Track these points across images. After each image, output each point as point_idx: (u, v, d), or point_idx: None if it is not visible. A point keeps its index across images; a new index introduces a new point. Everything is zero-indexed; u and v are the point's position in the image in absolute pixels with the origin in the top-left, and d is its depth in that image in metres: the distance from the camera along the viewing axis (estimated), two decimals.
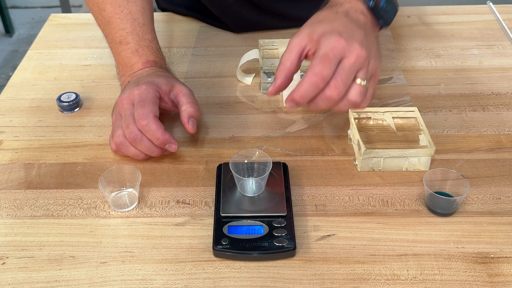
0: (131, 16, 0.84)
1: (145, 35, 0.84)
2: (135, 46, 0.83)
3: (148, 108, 0.72)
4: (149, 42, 0.84)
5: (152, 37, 0.85)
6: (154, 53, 0.84)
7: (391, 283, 0.60)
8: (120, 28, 0.83)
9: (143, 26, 0.84)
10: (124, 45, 0.83)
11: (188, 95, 0.77)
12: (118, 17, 0.84)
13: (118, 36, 0.83)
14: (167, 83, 0.77)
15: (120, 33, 0.83)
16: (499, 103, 0.87)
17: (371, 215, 0.68)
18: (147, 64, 0.82)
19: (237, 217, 0.66)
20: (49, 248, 0.65)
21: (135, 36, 0.83)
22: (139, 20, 0.84)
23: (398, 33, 1.05)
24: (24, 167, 0.76)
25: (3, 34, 2.85)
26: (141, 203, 0.71)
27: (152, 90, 0.75)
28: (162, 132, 0.72)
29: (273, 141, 0.80)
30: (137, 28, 0.84)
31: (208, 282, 0.61)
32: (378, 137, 0.76)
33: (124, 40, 0.83)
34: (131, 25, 0.84)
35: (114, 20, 0.84)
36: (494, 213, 0.69)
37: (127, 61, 0.83)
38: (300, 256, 0.63)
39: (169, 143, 0.72)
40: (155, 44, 0.85)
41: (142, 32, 0.84)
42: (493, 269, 0.62)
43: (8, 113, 0.87)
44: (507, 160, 0.76)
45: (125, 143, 0.74)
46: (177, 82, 0.80)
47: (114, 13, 0.84)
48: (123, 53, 0.83)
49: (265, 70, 0.89)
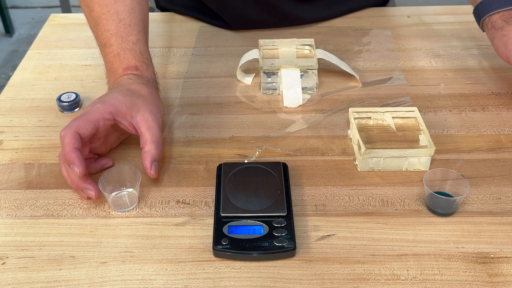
0: (117, 16, 0.80)
1: (129, 36, 0.80)
2: (117, 49, 0.79)
3: (76, 123, 0.68)
4: (132, 44, 0.79)
5: (137, 39, 0.80)
6: (136, 57, 0.79)
7: (391, 283, 0.60)
8: (105, 30, 0.80)
9: (128, 27, 0.80)
10: (108, 47, 0.80)
11: (152, 130, 0.71)
12: (104, 18, 0.80)
13: (103, 38, 0.80)
14: (130, 106, 0.72)
15: (104, 34, 0.80)
16: (499, 103, 0.87)
17: (371, 215, 0.68)
18: (127, 70, 0.78)
19: (237, 217, 0.66)
20: (49, 248, 0.65)
21: (118, 38, 0.79)
22: (125, 20, 0.80)
23: (398, 33, 1.05)
24: (24, 167, 0.76)
25: (3, 34, 2.85)
26: (141, 203, 0.71)
27: (102, 111, 0.70)
28: (70, 149, 0.66)
29: (273, 141, 0.80)
30: (121, 29, 0.80)
31: (208, 282, 0.61)
32: (378, 137, 0.76)
33: (108, 43, 0.80)
34: (116, 26, 0.80)
35: (100, 21, 0.81)
36: (494, 213, 0.69)
37: (110, 66, 0.79)
38: (300, 256, 0.63)
39: (73, 164, 0.66)
40: (139, 47, 0.80)
41: (126, 33, 0.80)
42: (493, 269, 0.62)
43: (8, 113, 0.87)
44: (507, 160, 0.76)
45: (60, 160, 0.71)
46: (144, 106, 0.73)
47: (101, 13, 0.81)
48: (107, 57, 0.80)
49: (265, 70, 0.89)
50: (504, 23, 0.85)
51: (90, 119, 0.69)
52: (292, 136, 0.81)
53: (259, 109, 0.87)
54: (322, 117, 0.85)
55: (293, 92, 0.87)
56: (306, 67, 0.88)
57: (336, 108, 0.87)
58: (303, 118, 0.85)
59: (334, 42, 1.03)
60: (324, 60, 0.92)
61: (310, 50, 0.93)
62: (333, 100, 0.88)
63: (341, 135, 0.81)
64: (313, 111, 0.86)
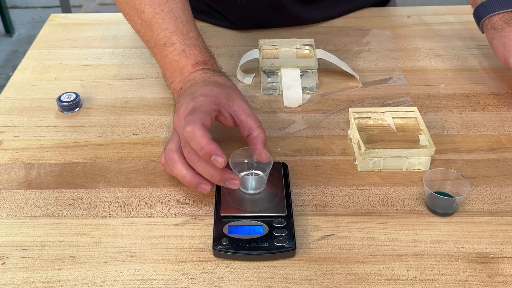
0: (173, 14, 0.78)
1: (189, 33, 0.78)
2: (181, 46, 0.76)
3: (198, 116, 0.65)
4: (194, 40, 0.78)
5: (197, 34, 0.79)
6: (202, 52, 0.77)
7: (391, 283, 0.60)
8: (163, 29, 0.77)
9: (186, 23, 0.78)
10: (169, 46, 0.77)
11: (252, 116, 0.71)
12: (160, 17, 0.77)
13: (162, 38, 0.77)
14: (227, 96, 0.71)
15: (163, 34, 0.77)
16: (499, 103, 0.87)
17: (371, 215, 0.68)
18: (197, 65, 0.76)
19: (237, 217, 0.66)
20: (49, 248, 0.65)
21: (179, 36, 0.77)
22: (182, 18, 0.78)
23: (398, 33, 1.05)
24: (24, 167, 0.76)
25: (3, 34, 2.85)
26: (141, 203, 0.71)
27: (209, 103, 0.68)
28: (207, 140, 0.63)
29: (273, 141, 0.80)
30: (180, 26, 0.77)
31: (208, 282, 0.61)
32: (378, 137, 0.76)
33: (169, 41, 0.77)
34: (174, 24, 0.77)
35: (155, 21, 0.78)
36: (494, 213, 0.69)
37: (175, 65, 0.76)
38: (300, 256, 0.63)
39: (214, 155, 0.63)
40: (201, 42, 0.79)
41: (186, 30, 0.78)
42: (493, 269, 0.62)
43: (8, 113, 0.87)
44: (507, 160, 0.76)
45: (173, 158, 0.67)
46: (237, 95, 0.73)
47: (154, 14, 0.78)
48: (169, 56, 0.77)
49: (265, 70, 0.89)
50: (504, 24, 0.85)
51: (205, 111, 0.66)
52: (292, 136, 0.81)
53: (259, 109, 0.87)
54: (322, 117, 0.85)
55: (293, 92, 0.87)
56: (306, 67, 0.88)
57: (336, 108, 0.87)
58: (303, 118, 0.85)
59: (334, 42, 1.03)
60: (324, 60, 0.92)
61: (310, 50, 0.93)
62: (333, 100, 0.88)
63: (341, 135, 0.81)
64: (313, 111, 0.86)
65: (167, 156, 0.68)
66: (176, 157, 0.67)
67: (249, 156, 0.71)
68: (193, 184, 0.67)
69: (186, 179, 0.66)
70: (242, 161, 0.70)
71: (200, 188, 0.67)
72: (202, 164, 0.65)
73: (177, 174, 0.67)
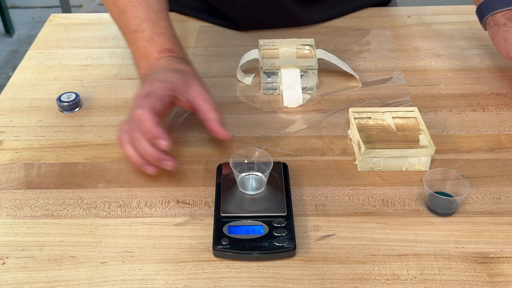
0: (146, 3, 0.82)
1: (160, 21, 0.82)
2: (150, 34, 0.80)
3: (149, 100, 0.70)
4: (164, 28, 0.82)
5: (168, 23, 0.83)
6: (169, 40, 0.81)
7: (391, 283, 0.60)
8: (135, 16, 0.81)
9: (158, 12, 0.82)
10: (139, 33, 0.81)
11: (208, 100, 0.75)
12: (133, 5, 0.82)
13: (133, 25, 0.82)
14: (183, 81, 0.75)
15: (134, 21, 0.81)
16: (499, 103, 0.87)
17: (371, 215, 0.68)
18: (163, 52, 0.80)
19: (237, 217, 0.66)
20: (49, 248, 0.65)
21: (150, 24, 0.81)
22: (154, 6, 0.82)
23: (398, 33, 1.05)
24: (24, 167, 0.76)
25: (3, 34, 2.85)
26: (141, 203, 0.71)
27: (164, 88, 0.73)
28: (153, 124, 0.68)
29: (273, 141, 0.80)
30: (151, 15, 0.82)
31: (208, 282, 0.61)
32: (378, 137, 0.76)
33: (139, 28, 0.81)
34: (146, 12, 0.81)
35: (128, 8, 0.82)
36: (494, 213, 0.69)
37: (143, 51, 0.81)
38: (300, 256, 0.63)
39: (159, 138, 0.67)
40: (170, 31, 0.83)
41: (157, 18, 0.82)
42: (493, 269, 0.62)
43: (8, 113, 0.87)
44: (507, 160, 0.76)
45: (124, 139, 0.72)
46: (195, 80, 0.77)
47: (128, 2, 0.82)
48: (138, 42, 0.81)
49: (265, 70, 0.89)
50: (507, 20, 0.86)
51: (157, 96, 0.71)
52: (292, 136, 0.81)
53: (259, 109, 0.87)
54: (322, 117, 0.85)
55: (293, 92, 0.87)
56: (306, 67, 0.88)
57: (336, 108, 0.87)
58: (303, 118, 0.85)
59: (334, 42, 1.03)
60: (324, 60, 0.92)
61: (310, 50, 0.93)
62: (333, 100, 0.88)
63: (341, 135, 0.81)
64: (313, 111, 0.86)
65: (120, 135, 0.72)
66: (127, 138, 0.71)
67: (249, 157, 0.71)
68: (139, 164, 0.70)
69: (134, 159, 0.70)
70: (242, 161, 0.71)
71: (146, 169, 0.70)
72: (142, 143, 0.69)
73: (125, 153, 0.71)
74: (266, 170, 0.69)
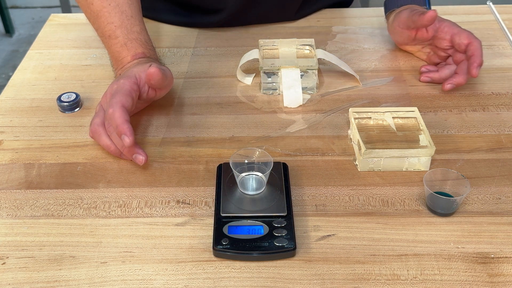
0: (119, 8, 0.85)
1: (133, 27, 0.85)
2: (123, 40, 0.84)
3: (118, 98, 0.74)
4: (137, 34, 0.85)
5: (141, 28, 0.87)
6: (142, 45, 0.85)
7: (391, 283, 0.60)
8: (109, 22, 0.85)
9: (131, 18, 0.86)
10: (113, 39, 0.85)
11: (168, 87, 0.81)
12: (106, 11, 0.85)
13: (107, 31, 0.85)
14: (144, 70, 0.78)
15: (108, 27, 0.85)
16: (499, 103, 0.87)
17: (371, 215, 0.68)
18: (136, 56, 0.83)
19: (237, 217, 0.66)
20: (49, 248, 0.65)
21: (123, 30, 0.84)
22: (127, 12, 0.85)
23: None
24: (24, 167, 0.76)
25: (3, 34, 2.85)
26: (141, 203, 0.71)
27: (128, 83, 0.76)
28: (122, 121, 0.71)
29: (273, 141, 0.80)
30: (125, 21, 0.85)
31: (208, 282, 0.61)
32: (378, 137, 0.76)
33: (113, 34, 0.84)
34: (119, 18, 0.85)
35: (102, 14, 0.85)
36: (494, 213, 0.69)
37: (117, 55, 0.85)
38: (300, 256, 0.63)
39: (124, 135, 0.71)
40: (143, 36, 0.86)
41: (130, 24, 0.85)
42: (493, 269, 0.62)
43: (8, 113, 0.87)
44: (507, 160, 0.76)
45: (98, 131, 0.76)
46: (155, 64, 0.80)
47: (102, 7, 0.85)
48: (112, 47, 0.85)
49: (265, 70, 0.89)
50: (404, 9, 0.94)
51: (126, 92, 0.75)
52: (292, 136, 0.81)
53: (259, 109, 0.87)
54: (322, 117, 0.85)
55: (293, 92, 0.87)
56: (306, 67, 0.88)
57: (336, 108, 0.87)
58: (303, 118, 0.85)
59: (334, 42, 1.03)
60: (324, 60, 0.92)
61: (310, 50, 0.93)
62: (333, 100, 0.88)
63: (341, 135, 0.81)
64: (313, 111, 0.86)
65: (93, 129, 0.77)
66: (102, 130, 0.76)
67: (249, 157, 0.71)
68: (116, 153, 0.76)
69: (111, 148, 0.76)
70: (242, 161, 0.71)
71: (123, 157, 0.76)
72: (116, 137, 0.74)
73: (103, 144, 0.76)
74: (266, 170, 0.69)
